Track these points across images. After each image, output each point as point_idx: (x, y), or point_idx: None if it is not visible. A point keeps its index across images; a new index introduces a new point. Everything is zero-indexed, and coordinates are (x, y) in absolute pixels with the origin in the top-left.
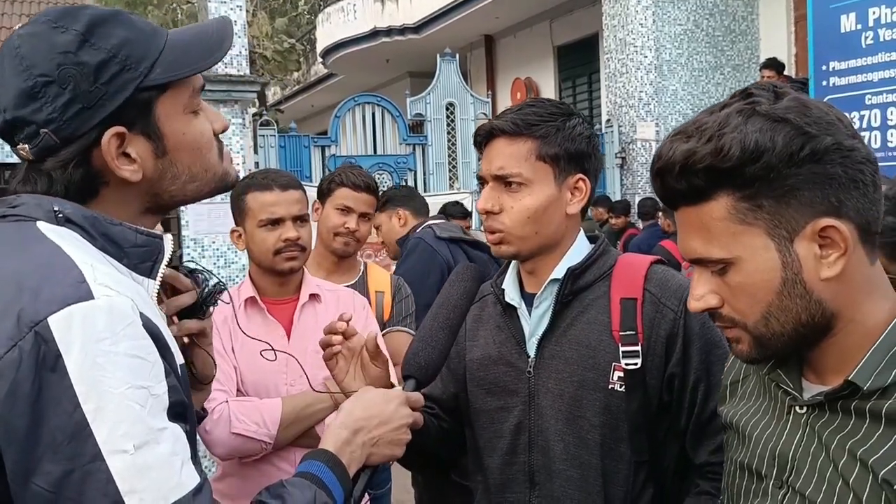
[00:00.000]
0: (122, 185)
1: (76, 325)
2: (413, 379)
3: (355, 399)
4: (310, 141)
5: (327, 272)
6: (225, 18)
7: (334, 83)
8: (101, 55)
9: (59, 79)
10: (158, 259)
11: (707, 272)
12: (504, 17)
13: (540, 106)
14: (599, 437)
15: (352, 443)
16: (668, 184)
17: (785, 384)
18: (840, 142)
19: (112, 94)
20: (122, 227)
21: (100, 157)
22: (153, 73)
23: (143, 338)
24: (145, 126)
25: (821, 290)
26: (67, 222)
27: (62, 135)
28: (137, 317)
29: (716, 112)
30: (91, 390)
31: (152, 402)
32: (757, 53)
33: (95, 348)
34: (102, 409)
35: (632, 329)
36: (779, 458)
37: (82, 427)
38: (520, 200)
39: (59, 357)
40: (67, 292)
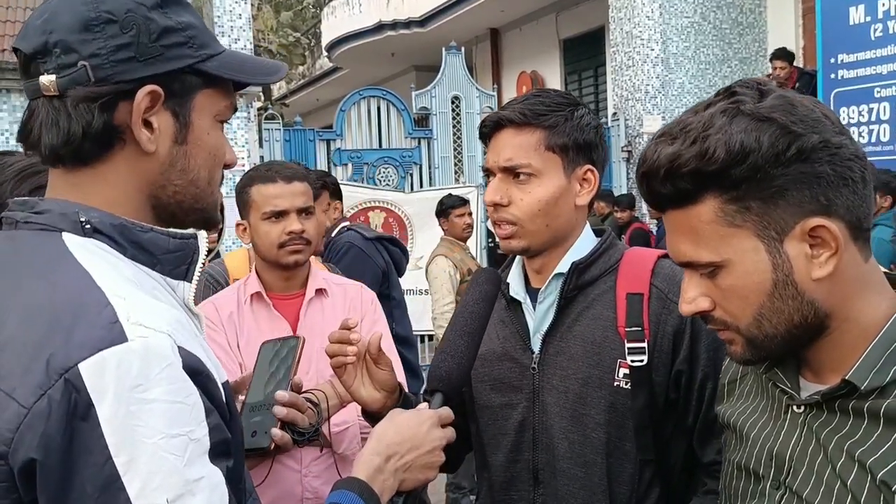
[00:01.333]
0: (133, 156)
1: (109, 372)
2: (439, 393)
3: (387, 423)
4: (315, 135)
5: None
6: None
7: (339, 77)
8: (171, 23)
9: (123, 21)
10: (194, 260)
11: (697, 275)
12: (510, 10)
13: (546, 96)
14: (604, 436)
15: (384, 470)
16: (653, 188)
17: (782, 383)
18: (827, 139)
19: (166, 59)
20: (153, 233)
21: (124, 112)
22: (210, 62)
23: (181, 380)
24: (179, 106)
25: (813, 291)
26: (95, 232)
27: (100, 74)
28: (176, 356)
29: (700, 112)
30: (123, 441)
31: (192, 447)
32: (765, 46)
33: (129, 396)
34: (135, 460)
35: (638, 325)
36: (776, 458)
37: (113, 480)
38: (529, 192)
39: (91, 406)
40: (99, 335)
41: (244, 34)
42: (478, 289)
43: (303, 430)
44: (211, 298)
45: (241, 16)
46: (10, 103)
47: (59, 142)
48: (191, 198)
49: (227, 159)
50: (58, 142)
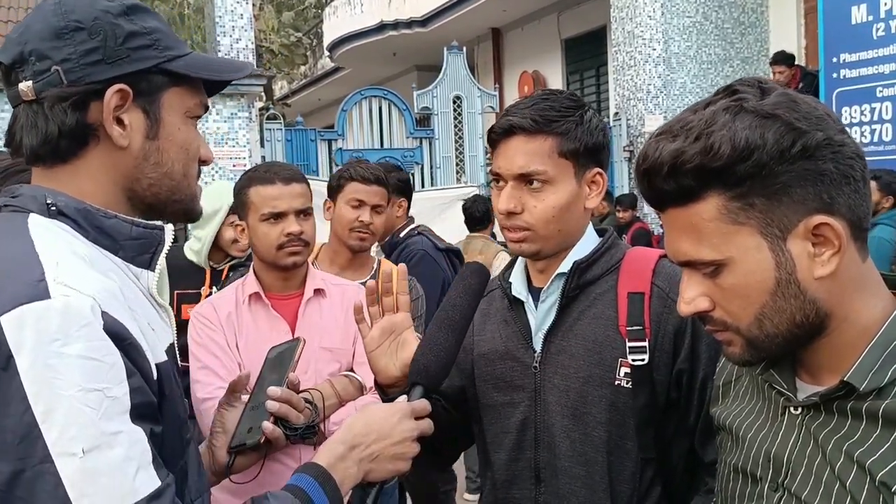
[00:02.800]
0: (108, 151)
1: (28, 326)
2: (419, 385)
3: (358, 414)
4: (316, 135)
5: (340, 268)
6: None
7: (341, 77)
8: (136, 28)
9: (90, 28)
10: (157, 250)
11: (697, 274)
12: (511, 9)
13: (555, 99)
14: (605, 434)
15: (346, 458)
16: (655, 185)
17: (778, 385)
18: (831, 137)
19: (132, 60)
20: (116, 219)
21: (97, 111)
22: (175, 62)
23: (100, 339)
24: (148, 103)
25: (815, 290)
26: (59, 215)
27: (72, 77)
28: (97, 318)
29: (700, 110)
30: (41, 392)
31: (108, 404)
32: (767, 46)
33: (47, 349)
34: (52, 410)
35: (639, 324)
36: (773, 460)
37: (32, 428)
38: (543, 200)
39: (11, 357)
40: (23, 291)
41: (245, 34)
42: (462, 283)
43: (296, 427)
44: (209, 298)
45: (243, 16)
46: None
47: (38, 142)
48: (167, 190)
49: (201, 155)
50: (37, 142)
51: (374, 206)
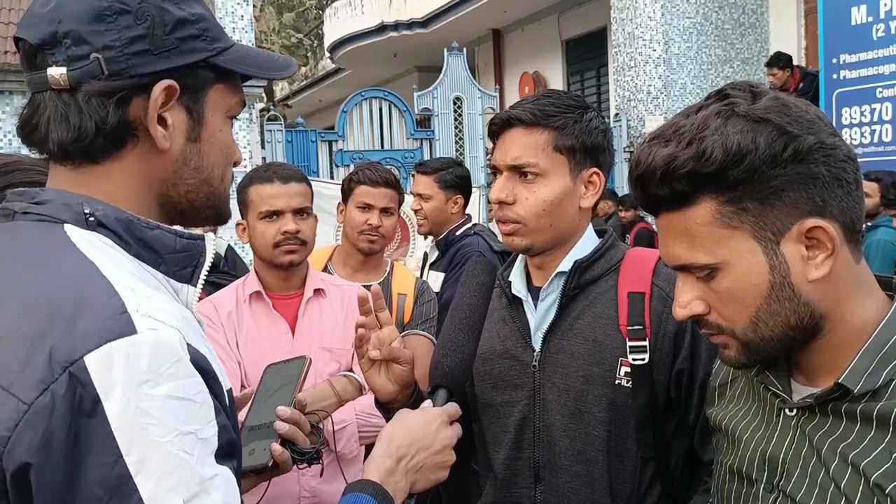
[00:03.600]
0: (145, 154)
1: (117, 365)
2: (442, 389)
3: (396, 424)
4: (317, 136)
5: (353, 270)
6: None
7: (342, 78)
8: (185, 14)
9: (137, 12)
10: (199, 263)
11: (692, 278)
12: (512, 10)
13: (557, 97)
14: (605, 433)
15: (396, 472)
16: (649, 190)
17: (774, 386)
18: (822, 140)
19: (181, 52)
20: (159, 230)
21: (138, 108)
22: (223, 56)
23: (191, 376)
24: (192, 101)
25: (809, 292)
26: (99, 226)
27: (115, 67)
28: (185, 352)
29: (692, 115)
30: (134, 439)
31: (200, 447)
32: (767, 46)
33: (139, 392)
34: (147, 459)
35: (639, 324)
36: (769, 461)
37: (125, 481)
38: (535, 192)
39: (98, 402)
40: (107, 326)
41: (246, 35)
42: (474, 280)
43: (303, 451)
44: (210, 297)
45: (244, 17)
46: (13, 105)
47: (69, 137)
48: (203, 196)
49: (235, 157)
50: (68, 137)
51: (382, 209)
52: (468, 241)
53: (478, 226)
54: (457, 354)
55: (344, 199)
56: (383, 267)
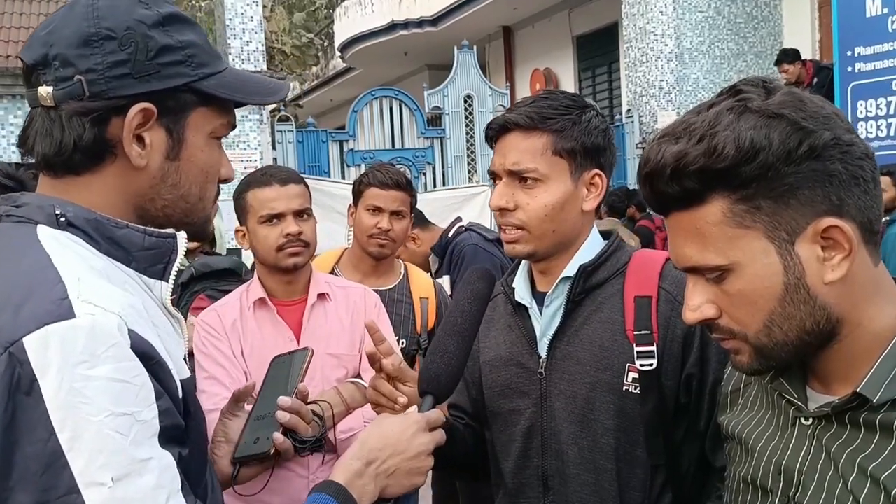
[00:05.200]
0: (124, 169)
1: (53, 347)
2: (429, 395)
3: (372, 428)
4: (328, 136)
5: (364, 275)
6: (286, 83)
7: (353, 77)
8: (170, 41)
9: (121, 38)
10: (171, 260)
11: (703, 280)
12: (522, 7)
13: (554, 98)
14: (614, 441)
15: (364, 475)
16: (658, 188)
17: (788, 394)
18: (839, 136)
19: (161, 77)
20: (127, 229)
21: (117, 127)
22: (207, 81)
23: (128, 359)
24: (173, 123)
25: (825, 295)
26: (69, 226)
27: (95, 89)
28: (124, 337)
29: (703, 111)
30: (68, 417)
31: (138, 428)
32: (780, 40)
33: (73, 372)
34: (79, 437)
35: (647, 329)
36: (784, 472)
37: (57, 457)
38: (536, 197)
39: (35, 381)
40: (46, 310)
41: (256, 36)
42: (469, 287)
43: (304, 439)
44: (214, 306)
45: (253, 18)
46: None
47: (51, 151)
48: (180, 212)
49: (222, 174)
50: (50, 151)
51: (393, 212)
52: (461, 237)
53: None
54: (444, 361)
55: (354, 201)
56: (397, 271)
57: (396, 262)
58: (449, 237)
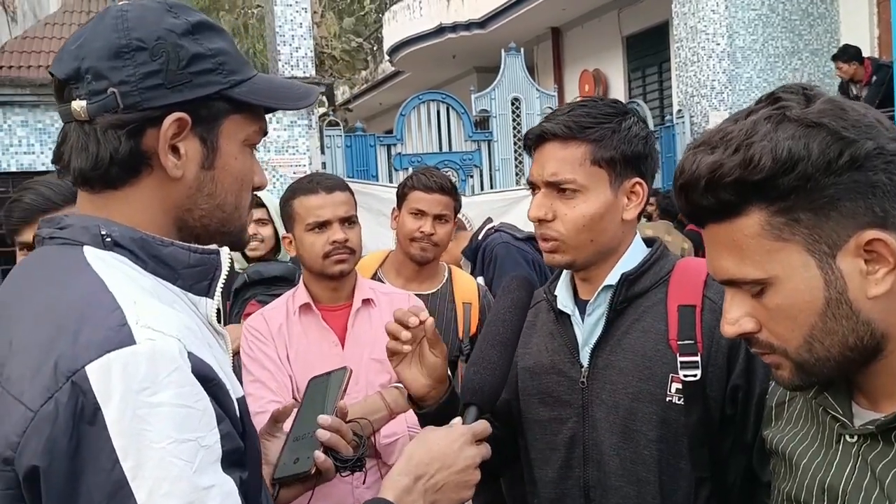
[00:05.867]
0: (161, 181)
1: (116, 374)
2: (473, 406)
3: (417, 442)
4: (375, 140)
5: (407, 280)
6: (316, 88)
7: (401, 80)
8: (200, 49)
9: (152, 49)
10: (216, 276)
11: (741, 293)
12: (571, 8)
13: (593, 106)
14: (657, 453)
15: (413, 491)
16: (693, 200)
17: (833, 410)
18: (882, 146)
19: (194, 86)
20: (173, 247)
21: (152, 139)
22: (238, 88)
23: (190, 384)
24: (206, 132)
25: (869, 310)
26: (116, 246)
27: (129, 101)
28: (185, 360)
29: (741, 119)
30: (131, 445)
31: (202, 454)
32: (837, 37)
33: (136, 399)
34: (143, 465)
35: (690, 338)
36: (828, 491)
37: (121, 486)
38: (574, 208)
39: (98, 409)
40: (107, 337)
41: (305, 42)
42: (509, 296)
43: (346, 458)
44: (261, 311)
45: (302, 24)
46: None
47: (87, 166)
48: (217, 221)
49: (255, 182)
50: (86, 166)
51: (436, 216)
52: (492, 237)
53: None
54: (488, 372)
55: (399, 204)
56: (440, 275)
57: (441, 266)
58: (479, 239)
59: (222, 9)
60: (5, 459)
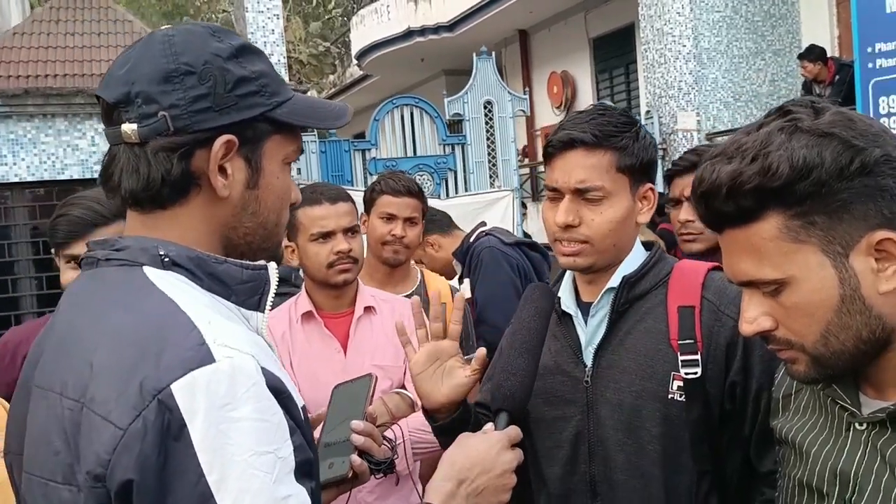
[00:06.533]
0: (209, 200)
1: (199, 392)
2: (504, 412)
3: (456, 448)
4: (350, 145)
5: (379, 283)
6: (348, 106)
7: (370, 84)
8: (245, 73)
9: (201, 73)
10: (265, 290)
11: (758, 293)
12: (538, 10)
13: (612, 115)
14: (660, 448)
15: (456, 496)
16: (714, 207)
17: (842, 399)
18: (889, 153)
19: (240, 108)
20: (227, 264)
21: (201, 160)
22: (280, 109)
23: (266, 398)
24: (251, 152)
25: (881, 305)
26: (174, 265)
27: (179, 124)
28: (260, 375)
29: (753, 132)
30: (215, 459)
31: (279, 466)
32: (798, 37)
33: (219, 415)
34: (226, 478)
35: (690, 338)
36: (840, 476)
37: (206, 498)
38: (601, 213)
39: (184, 426)
40: (189, 356)
41: (277, 49)
42: (533, 305)
43: (379, 461)
44: None
45: (274, 31)
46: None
47: (138, 187)
48: (260, 238)
49: (292, 199)
50: (138, 187)
51: (406, 219)
52: (480, 241)
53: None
54: (517, 378)
55: (366, 209)
56: (413, 277)
57: (413, 269)
58: (470, 242)
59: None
60: (96, 476)
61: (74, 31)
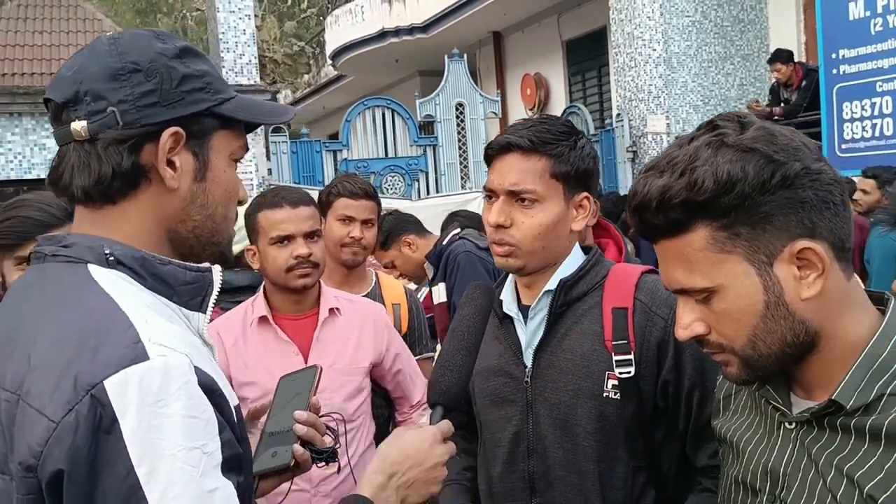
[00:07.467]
0: (158, 193)
1: (132, 388)
2: (440, 406)
3: (391, 441)
4: (321, 146)
5: (338, 284)
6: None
7: (344, 85)
8: (189, 70)
9: (147, 70)
10: (208, 292)
11: (691, 301)
12: (512, 12)
13: (552, 124)
14: (595, 444)
15: (387, 488)
16: (646, 219)
17: (774, 400)
18: (808, 166)
19: (186, 103)
20: (171, 266)
21: (150, 153)
22: (225, 105)
23: (197, 396)
24: (198, 146)
25: (803, 310)
26: (118, 264)
27: (128, 118)
28: (193, 374)
29: (685, 145)
30: (146, 453)
31: (206, 460)
32: (766, 42)
33: (150, 411)
34: (155, 471)
35: (624, 338)
36: (771, 473)
37: (135, 490)
38: (532, 217)
39: (116, 420)
40: (123, 354)
41: (249, 49)
42: (473, 303)
43: (321, 450)
44: (214, 324)
45: (245, 31)
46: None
47: (90, 182)
48: (208, 232)
49: (239, 196)
50: (89, 182)
51: (364, 221)
52: (455, 245)
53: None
54: (454, 374)
55: (323, 212)
56: (368, 278)
57: (367, 271)
58: (444, 245)
59: (160, 11)
60: (28, 467)
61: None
